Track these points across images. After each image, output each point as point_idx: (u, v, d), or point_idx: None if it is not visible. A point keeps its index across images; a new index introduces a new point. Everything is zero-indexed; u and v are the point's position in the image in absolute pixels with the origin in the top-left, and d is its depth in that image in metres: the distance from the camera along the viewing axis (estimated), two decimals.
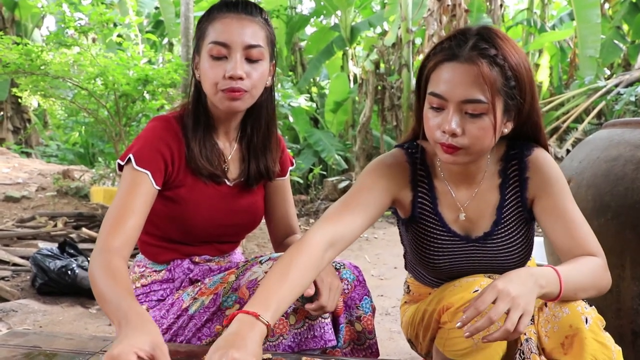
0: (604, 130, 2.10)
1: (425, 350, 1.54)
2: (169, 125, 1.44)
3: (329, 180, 8.62)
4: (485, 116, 1.22)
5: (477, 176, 1.42)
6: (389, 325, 3.18)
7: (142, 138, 1.42)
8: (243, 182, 1.54)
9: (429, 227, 1.46)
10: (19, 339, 1.40)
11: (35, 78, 4.95)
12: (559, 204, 1.35)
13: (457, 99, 1.22)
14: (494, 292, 1.12)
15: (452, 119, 1.22)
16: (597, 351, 1.16)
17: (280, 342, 1.32)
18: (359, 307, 1.44)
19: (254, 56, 1.38)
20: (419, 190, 1.45)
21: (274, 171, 1.57)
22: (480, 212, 1.43)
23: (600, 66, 8.60)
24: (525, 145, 1.40)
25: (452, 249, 1.45)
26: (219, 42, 1.36)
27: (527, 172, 1.38)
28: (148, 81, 4.91)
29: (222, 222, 1.51)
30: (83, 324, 3.10)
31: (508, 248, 1.43)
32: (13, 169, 8.45)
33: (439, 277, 1.55)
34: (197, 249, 1.54)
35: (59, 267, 3.49)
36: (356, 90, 9.78)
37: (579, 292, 1.23)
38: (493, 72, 1.21)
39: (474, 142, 1.24)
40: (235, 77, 1.34)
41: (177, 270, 1.53)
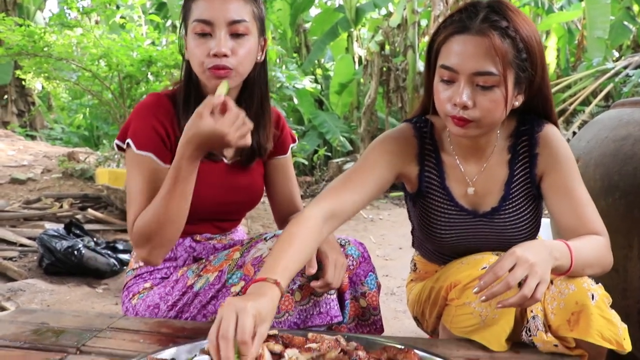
0: (613, 110, 2.08)
1: (431, 328, 1.55)
2: (159, 102, 1.44)
3: (334, 161, 8.61)
4: (496, 88, 1.22)
5: (486, 150, 1.42)
6: (394, 304, 3.19)
7: (135, 118, 1.42)
8: (240, 160, 1.54)
9: (436, 201, 1.46)
10: (28, 315, 1.41)
11: (39, 60, 4.93)
12: (566, 182, 1.35)
13: (469, 71, 1.21)
14: (513, 259, 1.12)
15: (464, 91, 1.22)
16: (603, 327, 1.16)
17: (286, 318, 1.32)
18: (364, 283, 1.44)
19: (240, 31, 1.35)
20: (426, 165, 1.45)
21: (266, 148, 1.56)
22: (488, 187, 1.43)
23: (608, 48, 8.50)
24: (536, 121, 1.40)
25: (459, 224, 1.45)
26: (201, 20, 1.34)
27: (537, 148, 1.38)
28: (152, 62, 4.89)
29: (220, 200, 1.51)
30: (90, 303, 3.12)
31: (515, 224, 1.43)
32: (18, 152, 8.47)
33: (446, 252, 1.55)
34: (197, 227, 1.54)
35: (65, 248, 3.51)
36: (361, 72, 9.72)
37: (587, 268, 1.24)
38: (505, 44, 1.20)
39: (485, 114, 1.24)
40: (220, 54, 1.33)
41: (179, 249, 1.54)
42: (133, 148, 1.38)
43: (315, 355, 1.05)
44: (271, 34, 10.72)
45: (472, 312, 1.27)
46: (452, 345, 1.28)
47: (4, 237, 4.17)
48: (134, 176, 1.37)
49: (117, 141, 1.44)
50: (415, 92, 8.45)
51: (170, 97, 1.47)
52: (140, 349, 1.21)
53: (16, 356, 1.17)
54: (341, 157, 9.04)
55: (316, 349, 1.06)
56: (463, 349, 1.26)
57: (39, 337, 1.27)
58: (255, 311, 0.99)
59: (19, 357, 1.17)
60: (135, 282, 1.54)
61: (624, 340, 1.18)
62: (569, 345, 1.21)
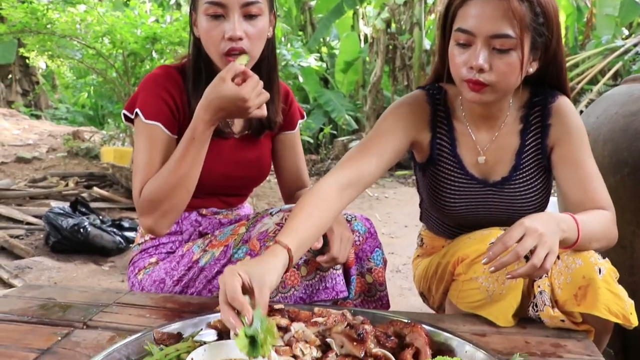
0: (623, 86, 2.05)
1: (437, 304, 1.55)
2: (169, 74, 1.44)
3: (339, 140, 8.60)
4: (513, 52, 1.22)
5: (498, 119, 1.41)
6: (400, 282, 3.20)
7: (144, 88, 1.42)
8: (249, 135, 1.54)
9: (446, 169, 1.46)
10: (35, 291, 1.42)
11: (42, 37, 4.90)
12: (576, 154, 1.35)
13: (486, 34, 1.21)
14: (522, 229, 1.13)
15: (480, 54, 1.22)
16: (610, 301, 1.16)
17: (292, 293, 1.32)
18: (370, 259, 1.43)
19: (253, 12, 1.33)
20: (438, 132, 1.45)
21: (276, 122, 1.55)
22: (499, 156, 1.43)
23: (618, 25, 8.36)
24: (550, 93, 1.40)
25: (469, 193, 1.45)
26: (214, 2, 1.31)
27: (550, 119, 1.38)
28: (156, 40, 4.84)
29: (227, 174, 1.51)
30: (96, 280, 3.14)
31: (525, 195, 1.43)
32: (23, 131, 8.48)
33: (455, 223, 1.55)
34: (203, 202, 1.54)
35: (71, 225, 3.53)
36: (367, 49, 9.64)
37: (593, 241, 1.24)
38: (522, 7, 1.20)
39: (500, 78, 1.24)
40: (235, 38, 1.31)
41: (185, 223, 1.54)
42: (142, 118, 1.37)
43: (322, 329, 1.05)
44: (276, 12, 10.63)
45: (479, 287, 1.27)
46: (459, 320, 1.28)
47: (11, 216, 4.20)
48: (142, 146, 1.37)
49: (124, 111, 1.44)
50: (422, 70, 8.39)
51: (179, 70, 1.46)
52: (146, 323, 1.21)
53: (24, 330, 1.17)
54: (347, 136, 9.02)
55: (322, 323, 1.06)
56: (469, 324, 1.26)
57: (46, 312, 1.28)
58: (241, 271, 0.99)
59: (27, 331, 1.17)
60: (140, 257, 1.54)
61: (630, 315, 1.17)
62: (576, 320, 1.21)
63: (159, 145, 1.37)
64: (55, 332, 1.16)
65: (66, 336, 1.15)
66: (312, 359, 0.98)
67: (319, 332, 1.04)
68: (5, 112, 9.66)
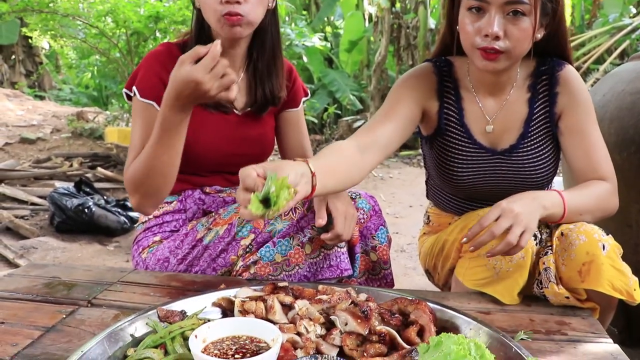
0: (631, 63, 2.03)
1: (442, 281, 1.55)
2: (170, 51, 1.43)
3: (344, 120, 8.56)
4: (526, 17, 1.24)
5: (506, 87, 1.43)
6: (404, 261, 3.20)
7: (143, 66, 1.42)
8: (252, 112, 1.53)
9: (454, 139, 1.47)
10: (39, 270, 1.42)
11: (45, 16, 4.88)
12: (581, 124, 1.37)
13: (501, 0, 1.22)
14: (498, 210, 1.18)
15: (495, 21, 1.23)
16: (614, 277, 1.16)
17: (296, 271, 1.32)
18: (374, 237, 1.43)
19: None
20: (445, 101, 1.46)
21: (280, 97, 1.54)
22: (507, 124, 1.44)
23: (626, 4, 8.26)
24: (557, 62, 1.41)
25: (477, 162, 1.46)
26: None
27: (557, 87, 1.40)
28: (159, 18, 4.82)
29: (230, 151, 1.51)
30: (101, 260, 3.16)
31: (533, 163, 1.43)
32: (27, 111, 8.48)
33: (463, 195, 1.56)
34: (207, 180, 1.54)
35: (75, 206, 3.54)
36: (371, 29, 9.55)
37: (584, 214, 1.28)
38: None
39: (515, 44, 1.26)
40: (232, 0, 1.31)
41: (189, 201, 1.54)
42: (137, 96, 1.38)
43: (326, 307, 1.05)
44: None
45: (486, 265, 1.27)
46: (463, 298, 1.28)
47: (16, 196, 4.21)
48: (136, 124, 1.39)
49: (125, 90, 1.45)
50: (427, 50, 8.31)
51: (181, 47, 1.46)
52: (150, 301, 1.21)
53: (29, 308, 1.18)
54: (351, 116, 8.98)
55: (327, 300, 1.05)
56: (474, 301, 1.26)
57: (50, 290, 1.28)
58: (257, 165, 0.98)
59: (32, 309, 1.18)
60: (144, 235, 1.54)
61: (634, 291, 1.17)
62: (580, 297, 1.21)
63: (152, 123, 1.33)
64: (60, 310, 1.16)
65: (71, 314, 1.15)
66: (316, 337, 0.98)
67: (323, 309, 1.04)
68: (9, 92, 9.65)
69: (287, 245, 1.33)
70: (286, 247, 1.32)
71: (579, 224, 1.24)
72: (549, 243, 1.27)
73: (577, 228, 1.23)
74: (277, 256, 1.31)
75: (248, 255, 1.35)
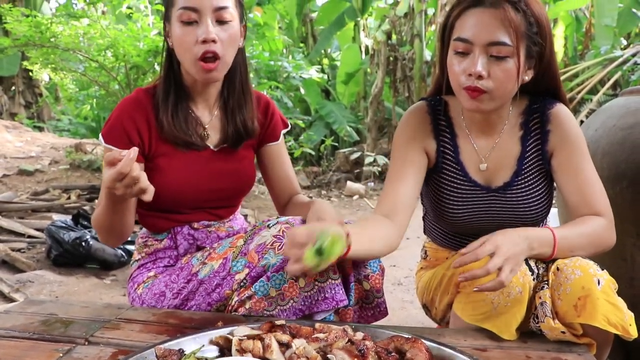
0: (621, 98, 2.06)
1: (440, 315, 1.55)
2: (136, 99, 1.48)
3: (341, 152, 8.60)
4: (509, 59, 1.28)
5: (497, 126, 1.46)
6: (401, 295, 3.19)
7: (113, 113, 1.48)
8: (228, 147, 1.57)
9: (450, 176, 1.50)
10: (36, 306, 1.42)
11: (46, 50, 4.94)
12: (574, 161, 1.40)
13: (483, 42, 1.27)
14: (493, 246, 1.20)
15: (479, 61, 1.28)
16: (610, 312, 1.17)
17: (291, 305, 1.32)
18: (366, 266, 1.44)
19: (225, 18, 1.39)
20: (441, 139, 1.50)
21: (252, 128, 1.58)
22: (500, 162, 1.47)
23: (616, 36, 8.40)
24: (548, 100, 1.45)
25: (472, 199, 1.48)
26: (188, 7, 1.37)
27: (549, 125, 1.43)
28: (159, 52, 4.87)
29: (208, 187, 1.53)
30: (98, 294, 3.14)
31: (527, 200, 1.46)
32: (26, 143, 8.50)
33: (459, 231, 1.58)
34: (192, 216, 1.57)
35: (73, 239, 3.53)
36: (368, 61, 9.67)
37: (576, 251, 1.30)
38: (518, 16, 1.28)
39: (498, 85, 1.29)
40: (209, 39, 1.36)
41: (179, 237, 1.56)
42: (102, 141, 1.45)
43: (323, 345, 1.05)
44: (277, 23, 10.68)
45: (484, 299, 1.28)
46: (460, 335, 1.28)
47: (12, 229, 4.20)
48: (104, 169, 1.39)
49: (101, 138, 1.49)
50: (422, 81, 8.41)
51: (149, 91, 1.51)
52: (148, 339, 1.21)
53: (25, 347, 1.18)
54: (348, 147, 9.02)
55: (323, 339, 1.06)
56: (470, 338, 1.26)
57: (47, 327, 1.28)
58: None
59: (28, 347, 1.18)
60: (139, 272, 1.55)
61: (629, 327, 1.18)
62: (577, 332, 1.21)
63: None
64: (57, 349, 1.16)
65: (68, 352, 1.15)
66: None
67: (320, 348, 1.05)
68: (8, 124, 9.69)
69: (281, 279, 1.33)
70: (280, 281, 1.33)
71: (574, 259, 1.25)
72: (545, 277, 1.28)
73: (572, 263, 1.24)
74: (272, 290, 1.32)
75: (242, 290, 1.35)
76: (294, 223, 1.39)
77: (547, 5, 9.47)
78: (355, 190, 7.27)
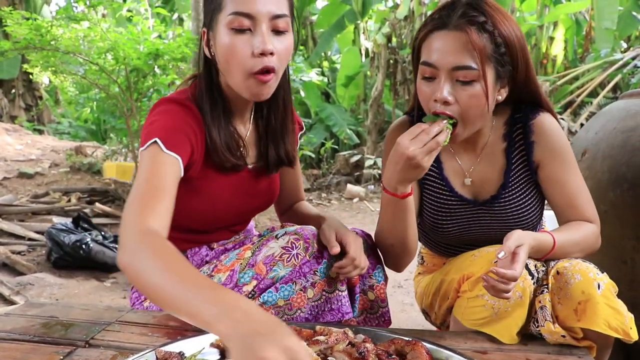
0: (621, 101, 2.06)
1: (440, 320, 1.55)
2: (189, 109, 1.29)
3: (341, 154, 8.62)
4: (476, 83, 1.25)
5: (478, 142, 1.45)
6: (401, 297, 3.19)
7: (164, 121, 1.23)
8: (262, 166, 1.45)
9: (436, 192, 1.49)
10: (37, 309, 1.42)
11: (46, 53, 4.94)
12: (560, 173, 1.39)
13: (448, 67, 1.24)
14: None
15: (444, 87, 1.25)
16: (610, 316, 1.17)
17: (297, 315, 1.31)
18: (372, 276, 1.43)
19: (281, 27, 1.21)
20: None
21: (295, 156, 1.48)
22: (486, 176, 1.46)
23: (616, 39, 8.42)
24: (530, 109, 1.42)
25: (460, 213, 1.48)
26: (241, 13, 1.18)
27: (533, 136, 1.40)
28: (159, 55, 4.88)
29: (241, 209, 1.47)
30: (98, 297, 3.14)
31: (517, 210, 1.45)
32: (26, 146, 8.51)
33: (451, 242, 1.57)
34: (214, 236, 1.50)
35: (73, 242, 3.53)
36: (368, 64, 9.69)
37: (566, 255, 1.31)
38: (482, 38, 1.24)
39: (466, 109, 1.27)
40: (267, 52, 1.18)
41: (195, 258, 1.49)
42: (161, 146, 1.17)
43: (323, 348, 1.05)
44: None
45: (485, 305, 1.28)
46: (460, 338, 1.28)
47: (13, 231, 4.21)
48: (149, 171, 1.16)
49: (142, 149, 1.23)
50: None
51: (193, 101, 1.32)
52: (148, 342, 1.21)
53: (25, 349, 1.18)
54: (348, 150, 9.03)
55: (324, 341, 1.06)
56: (471, 341, 1.26)
57: (48, 330, 1.28)
58: None
59: (29, 350, 1.17)
60: None
61: (630, 330, 1.18)
62: (577, 336, 1.21)
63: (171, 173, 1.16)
64: (57, 352, 1.16)
65: (68, 355, 1.15)
66: None
67: (320, 350, 1.05)
68: (9, 127, 9.70)
69: (290, 291, 1.31)
70: (289, 292, 1.31)
71: (574, 262, 1.25)
72: (544, 281, 1.28)
73: (572, 267, 1.23)
74: (280, 301, 1.31)
75: None
76: (303, 234, 1.35)
77: (547, 8, 9.50)
78: (355, 192, 7.28)
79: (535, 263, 1.29)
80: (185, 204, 1.30)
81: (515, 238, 1.19)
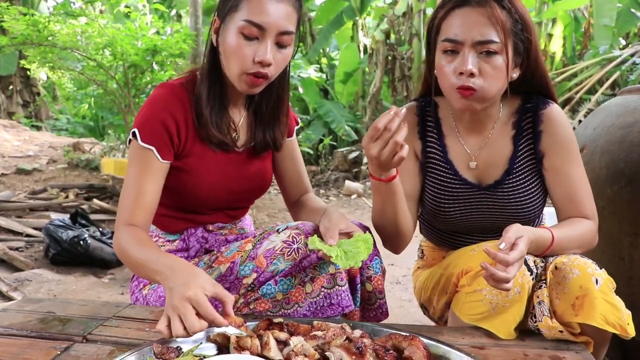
0: (619, 97, 2.06)
1: (438, 315, 1.55)
2: (173, 93, 1.41)
3: (339, 151, 8.61)
4: (498, 56, 1.30)
5: (487, 124, 1.48)
6: (400, 293, 3.19)
7: (146, 109, 1.39)
8: (251, 148, 1.54)
9: (440, 175, 1.51)
10: (34, 305, 1.42)
11: (43, 49, 4.93)
12: (564, 165, 1.41)
13: (472, 40, 1.29)
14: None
15: (469, 59, 1.29)
16: (608, 312, 1.17)
17: (295, 309, 1.31)
18: (369, 267, 1.44)
19: (284, 42, 1.33)
20: (428, 140, 1.52)
21: (281, 143, 1.56)
22: (491, 160, 1.48)
23: (615, 36, 8.42)
24: (541, 100, 1.46)
25: (463, 197, 1.49)
26: (254, 23, 1.28)
27: (541, 126, 1.44)
28: (157, 51, 4.88)
29: (232, 189, 1.51)
30: (96, 293, 3.14)
31: (519, 198, 1.46)
32: (24, 142, 8.49)
33: (452, 229, 1.58)
34: (208, 217, 1.54)
35: (71, 238, 3.53)
36: (366, 60, 9.69)
37: (564, 252, 1.32)
38: (504, 13, 1.30)
39: (489, 82, 1.31)
40: (265, 63, 1.30)
41: (192, 239, 1.53)
42: (138, 139, 1.35)
43: (321, 343, 1.05)
44: None
45: (483, 300, 1.28)
46: (457, 333, 1.28)
47: (10, 228, 4.20)
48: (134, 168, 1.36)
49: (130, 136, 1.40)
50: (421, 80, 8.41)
51: (185, 86, 1.44)
52: (146, 337, 1.21)
53: (23, 344, 1.18)
54: (346, 147, 9.03)
55: (321, 336, 1.06)
56: (468, 336, 1.26)
57: (45, 325, 1.28)
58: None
59: (26, 345, 1.17)
60: None
61: (627, 325, 1.18)
62: (574, 331, 1.21)
63: (150, 171, 1.35)
64: (55, 347, 1.16)
65: (65, 350, 1.15)
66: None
67: (317, 345, 1.05)
68: (6, 123, 9.68)
69: (289, 284, 1.33)
70: (287, 286, 1.33)
71: (572, 258, 1.25)
72: (543, 276, 1.28)
73: (570, 262, 1.24)
74: (278, 294, 1.32)
75: (250, 293, 1.35)
76: (304, 229, 1.37)
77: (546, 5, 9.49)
78: (353, 189, 7.28)
79: (534, 259, 1.29)
80: (177, 181, 1.43)
81: (515, 230, 1.21)
